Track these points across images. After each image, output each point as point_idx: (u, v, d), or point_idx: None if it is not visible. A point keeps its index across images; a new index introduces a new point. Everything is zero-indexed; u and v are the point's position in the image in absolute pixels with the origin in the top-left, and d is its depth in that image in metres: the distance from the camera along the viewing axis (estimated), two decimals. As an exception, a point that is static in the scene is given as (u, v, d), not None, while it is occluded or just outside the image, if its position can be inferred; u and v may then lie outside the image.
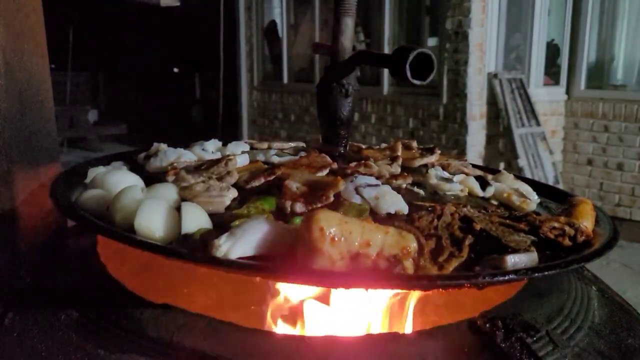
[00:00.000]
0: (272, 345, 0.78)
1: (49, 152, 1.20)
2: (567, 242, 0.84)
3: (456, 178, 1.06)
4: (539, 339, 0.80)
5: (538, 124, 4.84)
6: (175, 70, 10.40)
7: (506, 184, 1.08)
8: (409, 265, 0.71)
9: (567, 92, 5.20)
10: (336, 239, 0.69)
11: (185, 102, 9.74)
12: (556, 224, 0.86)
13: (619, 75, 5.25)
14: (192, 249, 0.75)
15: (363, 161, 1.07)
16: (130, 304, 0.86)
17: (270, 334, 0.84)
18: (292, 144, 1.28)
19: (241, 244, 0.72)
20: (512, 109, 4.73)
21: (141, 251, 0.75)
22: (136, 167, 1.12)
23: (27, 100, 1.13)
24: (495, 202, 1.02)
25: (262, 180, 0.95)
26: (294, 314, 1.07)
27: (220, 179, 0.95)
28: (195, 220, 0.81)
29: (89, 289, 0.95)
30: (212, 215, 0.84)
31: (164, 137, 1.45)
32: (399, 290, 1.01)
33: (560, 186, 4.80)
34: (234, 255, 0.71)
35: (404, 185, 1.01)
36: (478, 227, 0.83)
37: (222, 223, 0.81)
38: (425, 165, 1.16)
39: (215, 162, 1.00)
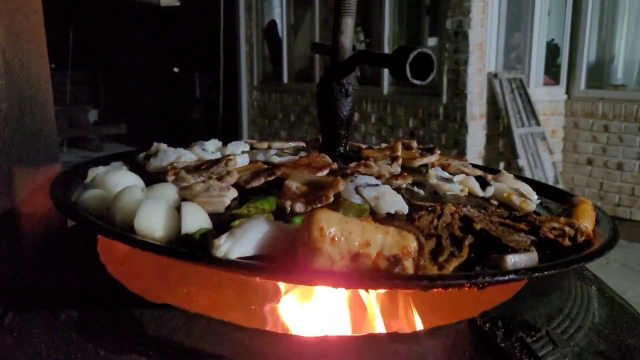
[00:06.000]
0: (272, 345, 0.78)
1: (49, 152, 1.20)
2: (567, 242, 0.84)
3: (456, 178, 1.06)
4: (539, 339, 0.80)
5: (538, 123, 4.84)
6: (175, 70, 10.40)
7: (506, 184, 1.08)
8: (409, 265, 0.71)
9: (567, 92, 5.20)
10: (336, 238, 0.69)
11: (185, 102, 9.74)
12: (556, 224, 0.86)
13: (619, 75, 5.26)
14: (192, 249, 0.75)
15: (363, 161, 1.07)
16: (130, 304, 0.86)
17: (270, 334, 0.84)
18: (292, 144, 1.28)
19: (241, 244, 0.72)
20: (512, 109, 4.73)
21: (141, 251, 0.75)
22: (136, 167, 1.12)
23: (27, 100, 1.13)
24: (495, 202, 1.02)
25: (262, 180, 0.95)
26: (293, 314, 1.07)
27: (220, 179, 0.95)
28: (195, 220, 0.81)
29: (89, 289, 0.95)
30: (212, 215, 0.84)
31: (164, 137, 1.45)
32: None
33: (560, 186, 4.80)
34: (234, 255, 0.71)
35: (404, 185, 1.01)
36: (478, 227, 0.83)
37: (222, 223, 0.81)
38: (425, 165, 1.16)
39: (215, 162, 1.00)
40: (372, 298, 1.06)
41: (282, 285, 1.05)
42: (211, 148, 1.20)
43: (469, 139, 4.82)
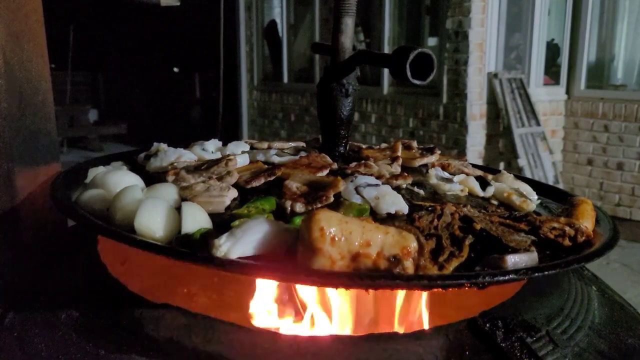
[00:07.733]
0: (273, 345, 0.78)
1: (49, 152, 1.20)
2: (567, 242, 0.84)
3: (456, 178, 1.06)
4: (539, 339, 0.81)
5: (538, 123, 4.84)
6: (175, 70, 10.40)
7: (506, 184, 1.08)
8: (409, 265, 0.71)
9: (567, 91, 5.20)
10: (336, 238, 0.69)
11: (185, 102, 9.74)
12: (556, 225, 0.86)
13: (619, 75, 5.26)
14: (192, 249, 0.75)
15: (363, 161, 1.07)
16: (130, 304, 0.86)
17: (270, 333, 0.84)
18: (292, 144, 1.28)
19: (241, 244, 0.72)
20: (512, 109, 4.73)
21: (141, 251, 0.75)
22: (136, 167, 1.12)
23: (27, 100, 1.13)
24: (495, 202, 1.02)
25: (262, 180, 0.95)
26: (293, 314, 1.07)
27: (220, 179, 0.95)
28: (195, 220, 0.81)
29: (89, 289, 0.95)
30: (212, 215, 0.84)
31: (164, 137, 1.45)
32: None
33: (560, 186, 4.80)
34: (234, 255, 0.71)
35: (404, 185, 1.01)
36: (478, 227, 0.83)
37: (222, 223, 0.81)
38: (425, 165, 1.16)
39: (215, 162, 1.00)
40: (372, 298, 1.06)
41: (282, 285, 1.05)
42: (211, 148, 1.20)
43: (469, 139, 4.82)
